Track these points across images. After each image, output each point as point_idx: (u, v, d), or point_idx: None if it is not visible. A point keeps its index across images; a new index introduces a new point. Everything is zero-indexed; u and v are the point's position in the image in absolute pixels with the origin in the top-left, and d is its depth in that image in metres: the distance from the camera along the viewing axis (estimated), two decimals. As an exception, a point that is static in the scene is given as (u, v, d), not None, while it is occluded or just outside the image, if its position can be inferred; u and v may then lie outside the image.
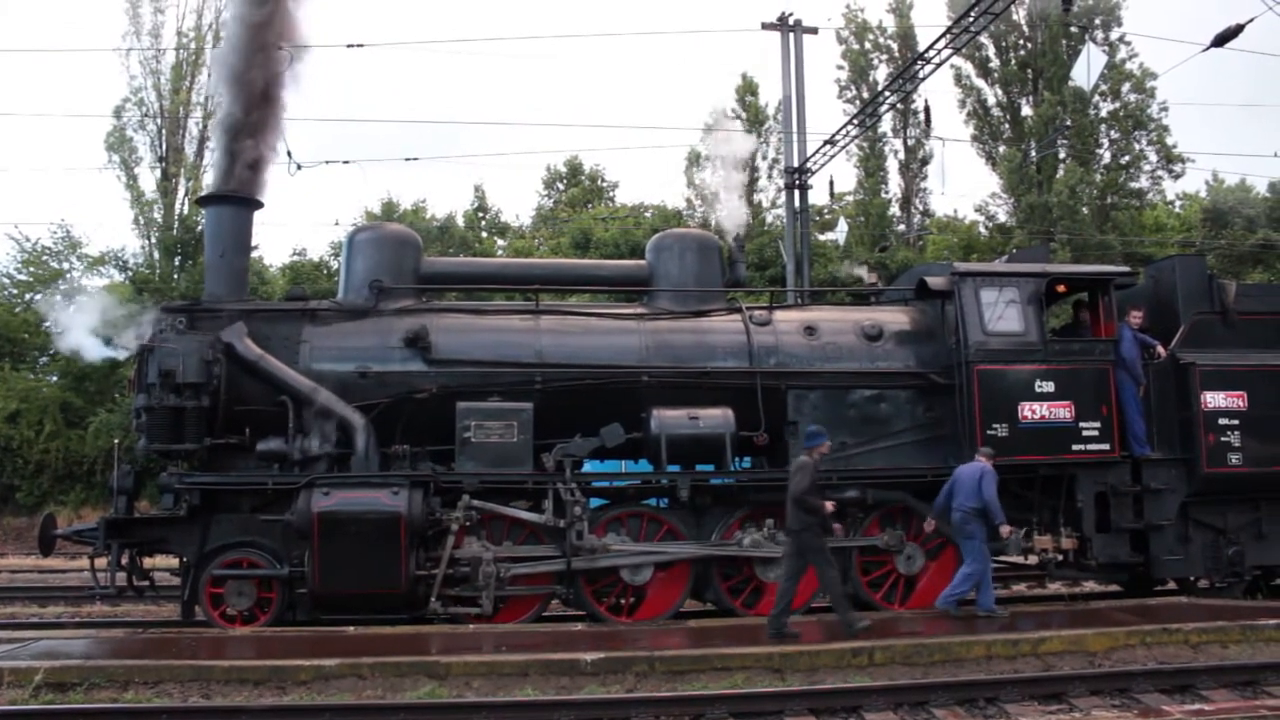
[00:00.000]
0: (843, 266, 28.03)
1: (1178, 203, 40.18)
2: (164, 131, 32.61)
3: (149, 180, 32.65)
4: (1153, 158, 34.22)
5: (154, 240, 32.15)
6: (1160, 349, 12.14)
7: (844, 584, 10.37)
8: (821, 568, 9.98)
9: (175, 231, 31.73)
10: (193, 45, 32.79)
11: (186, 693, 8.05)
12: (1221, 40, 13.41)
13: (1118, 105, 33.87)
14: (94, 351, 11.55)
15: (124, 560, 10.90)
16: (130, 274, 31.55)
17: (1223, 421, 11.91)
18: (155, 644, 9.57)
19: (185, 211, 31.78)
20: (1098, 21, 33.55)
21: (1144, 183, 34.51)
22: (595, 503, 11.53)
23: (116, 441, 11.86)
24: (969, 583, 10.79)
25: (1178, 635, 9.48)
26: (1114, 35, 33.79)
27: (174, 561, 11.47)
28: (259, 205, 12.15)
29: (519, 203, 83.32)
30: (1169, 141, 33.90)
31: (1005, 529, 10.67)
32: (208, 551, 10.77)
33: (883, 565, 11.71)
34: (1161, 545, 11.90)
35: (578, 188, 42.14)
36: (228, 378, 11.16)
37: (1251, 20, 13.04)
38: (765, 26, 24.36)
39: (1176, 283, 12.71)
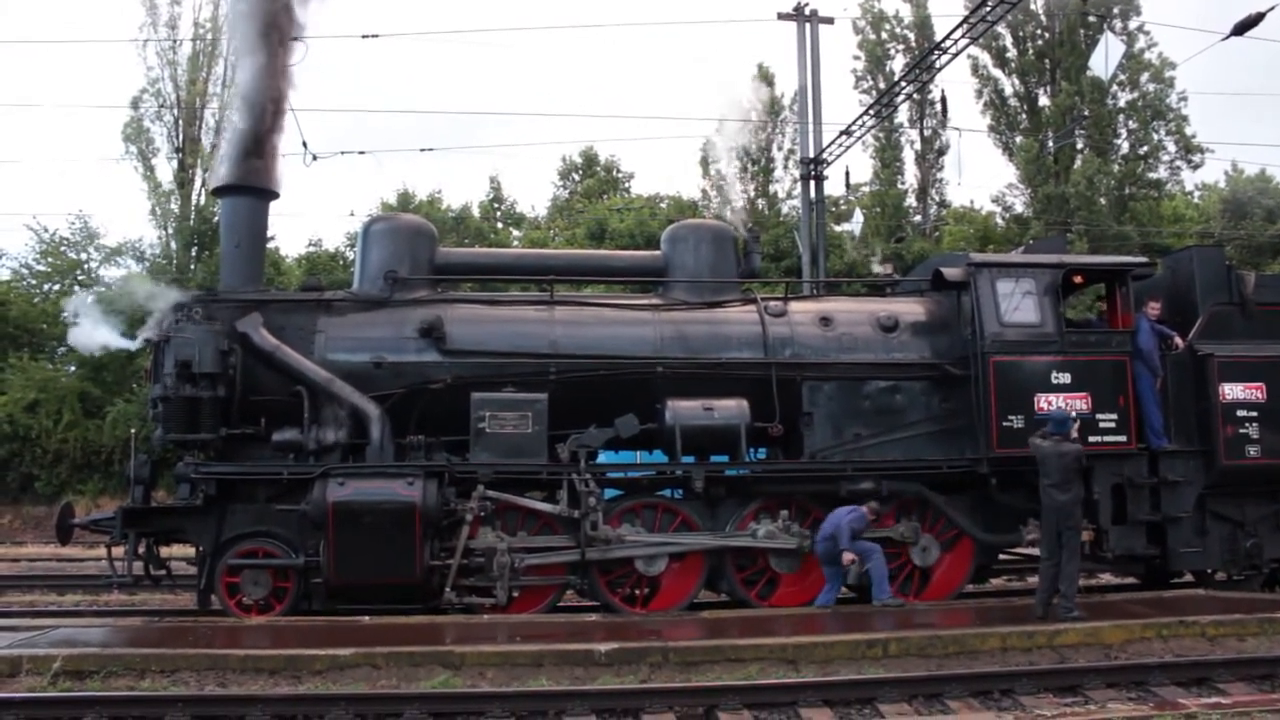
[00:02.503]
0: (858, 251, 27.96)
1: (1196, 193, 39.90)
2: (181, 122, 32.70)
3: (166, 171, 32.82)
4: (1171, 148, 33.96)
5: (171, 231, 32.28)
6: (1178, 340, 12.05)
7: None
8: (1077, 545, 10.31)
9: (192, 222, 31.85)
10: (209, 36, 32.88)
11: (202, 681, 8.11)
12: (1241, 29, 13.31)
13: (1136, 95, 33.60)
14: (116, 343, 11.62)
15: (141, 549, 10.95)
16: (147, 264, 31.70)
17: (1241, 413, 11.82)
18: (171, 633, 9.63)
19: (202, 202, 31.89)
20: (1115, 11, 33.28)
21: (1162, 173, 34.25)
22: (610, 493, 11.53)
23: (134, 431, 11.90)
24: (884, 578, 10.95)
25: (1194, 628, 9.44)
26: (1132, 24, 33.54)
27: (190, 550, 11.53)
28: (275, 196, 12.16)
29: (535, 193, 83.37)
30: (1188, 132, 33.63)
31: (848, 556, 10.80)
32: (224, 541, 10.81)
33: (898, 556, 11.69)
34: (1178, 537, 11.82)
35: (593, 178, 42.11)
36: (243, 368, 11.20)
37: (1272, 9, 12.93)
38: (781, 17, 24.27)
39: (1195, 274, 12.58)
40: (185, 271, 30.34)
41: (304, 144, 18.85)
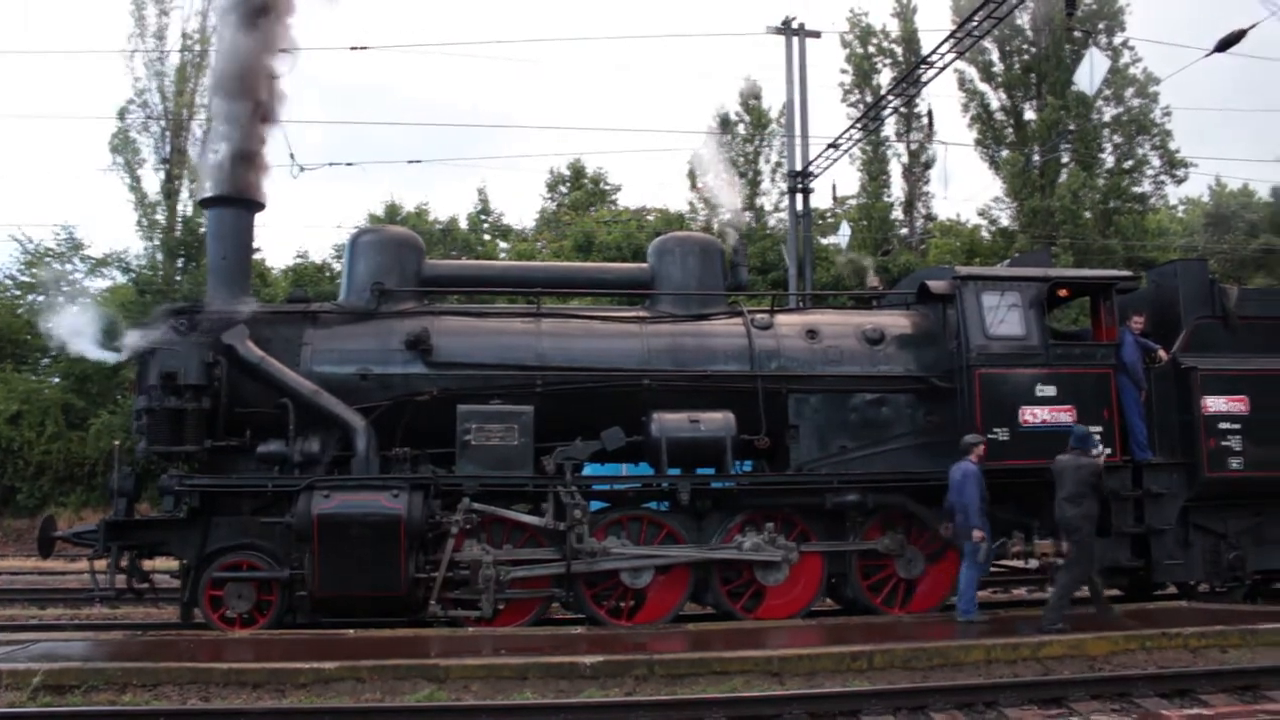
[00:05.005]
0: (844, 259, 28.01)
1: (1180, 207, 40.16)
2: (168, 133, 32.60)
3: (153, 182, 32.70)
4: (1156, 162, 34.17)
5: (157, 242, 32.17)
6: (1162, 353, 12.12)
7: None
8: (1087, 560, 10.47)
9: (179, 233, 31.75)
10: (197, 47, 32.82)
11: (185, 695, 8.04)
12: (1224, 45, 13.37)
13: (1121, 110, 33.83)
14: (92, 353, 11.58)
15: (124, 562, 10.90)
16: (133, 276, 31.60)
17: (1223, 426, 11.89)
18: (154, 646, 9.57)
19: (189, 213, 31.80)
20: (1101, 26, 33.51)
21: (1147, 187, 34.46)
22: (595, 506, 11.52)
23: (116, 443, 11.84)
24: (974, 584, 10.87)
25: (1177, 639, 9.47)
26: (1117, 40, 33.77)
27: (174, 563, 11.48)
28: (260, 207, 12.16)
29: (522, 205, 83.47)
30: (1171, 146, 33.85)
31: (977, 534, 10.67)
32: (208, 554, 10.77)
33: (883, 569, 11.71)
34: (1162, 549, 11.89)
35: (580, 190, 42.13)
36: (229, 380, 11.18)
37: (1254, 26, 13.01)
38: (770, 31, 24.41)
39: (1178, 287, 12.69)
40: (171, 283, 30.26)
41: (291, 155, 18.85)
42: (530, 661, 8.55)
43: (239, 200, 11.90)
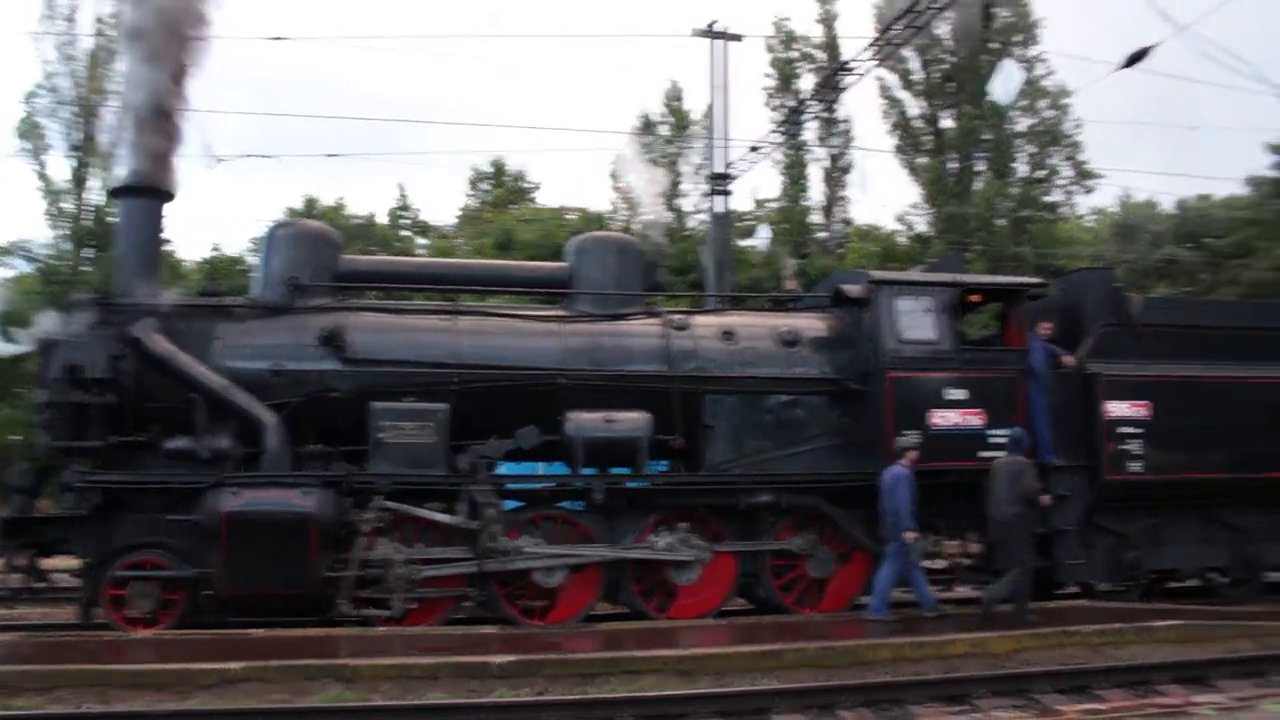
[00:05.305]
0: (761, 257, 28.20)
1: (1090, 217, 41.23)
2: (81, 119, 31.60)
3: (62, 169, 31.66)
4: (1067, 172, 35.02)
5: (65, 230, 31.19)
6: (1068, 359, 12.43)
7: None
8: (1026, 558, 10.95)
9: (90, 223, 30.82)
10: (110, 31, 31.87)
11: (83, 698, 7.82)
12: (1131, 61, 13.81)
13: (1035, 120, 34.61)
14: None
15: (21, 561, 10.56)
16: (39, 265, 30.61)
17: (1124, 430, 12.25)
18: (50, 648, 9.31)
19: (100, 202, 30.87)
20: (1020, 38, 34.24)
21: (1058, 196, 35.30)
22: (510, 505, 11.47)
23: (16, 438, 11.48)
24: (891, 584, 11.10)
25: (1077, 637, 9.73)
26: (1031, 53, 34.54)
27: (75, 562, 11.15)
28: (170, 197, 11.86)
29: (443, 202, 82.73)
30: (1082, 158, 34.75)
31: (910, 535, 10.87)
32: (110, 552, 10.48)
33: (794, 569, 11.84)
34: (1065, 550, 12.20)
35: (501, 188, 41.90)
36: (136, 374, 10.90)
37: (1159, 44, 13.47)
38: (694, 34, 24.52)
39: (1085, 295, 13.07)
40: (79, 273, 29.37)
41: (207, 146, 18.46)
42: (441, 661, 8.49)
43: (150, 190, 11.60)
